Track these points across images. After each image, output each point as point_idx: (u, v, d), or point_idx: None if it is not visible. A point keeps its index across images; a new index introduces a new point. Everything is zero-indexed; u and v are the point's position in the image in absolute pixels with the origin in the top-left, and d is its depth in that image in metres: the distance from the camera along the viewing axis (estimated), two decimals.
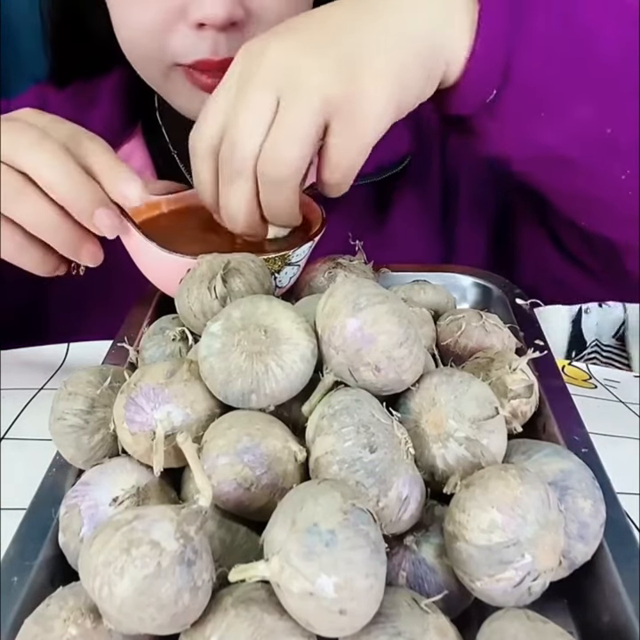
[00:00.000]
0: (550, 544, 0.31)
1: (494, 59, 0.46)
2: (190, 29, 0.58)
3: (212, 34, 0.58)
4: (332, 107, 0.43)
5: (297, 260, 0.52)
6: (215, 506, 0.34)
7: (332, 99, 0.43)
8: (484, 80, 0.47)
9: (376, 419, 0.34)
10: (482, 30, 0.45)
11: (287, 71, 0.44)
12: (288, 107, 0.43)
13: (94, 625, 0.30)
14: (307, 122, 0.43)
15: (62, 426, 0.39)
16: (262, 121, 0.44)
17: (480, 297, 0.61)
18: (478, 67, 0.46)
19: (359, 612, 0.28)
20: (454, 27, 0.46)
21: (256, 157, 0.45)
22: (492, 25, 0.45)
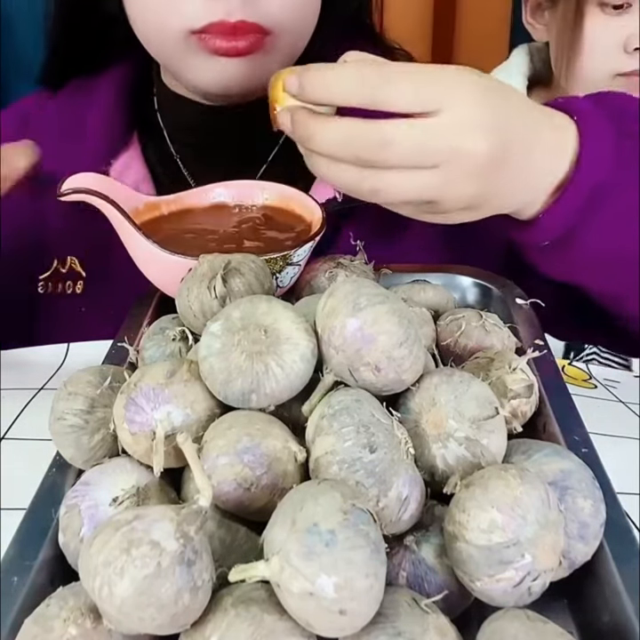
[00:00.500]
0: (550, 544, 0.31)
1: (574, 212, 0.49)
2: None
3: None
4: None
5: (298, 260, 0.52)
6: (215, 506, 0.34)
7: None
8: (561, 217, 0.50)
9: (376, 419, 0.34)
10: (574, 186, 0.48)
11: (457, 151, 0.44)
12: (446, 179, 0.44)
13: (94, 625, 0.30)
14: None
15: (62, 426, 0.39)
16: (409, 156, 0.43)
17: (480, 297, 0.61)
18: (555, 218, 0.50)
19: (359, 612, 0.28)
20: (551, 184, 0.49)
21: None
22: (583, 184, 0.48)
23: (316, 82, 0.44)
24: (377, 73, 0.42)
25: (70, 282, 0.74)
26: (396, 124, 0.42)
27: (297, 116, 0.45)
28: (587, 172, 0.48)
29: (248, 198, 0.60)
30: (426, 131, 0.42)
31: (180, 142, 0.75)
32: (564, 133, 0.49)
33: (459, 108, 0.43)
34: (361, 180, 0.44)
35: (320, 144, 0.44)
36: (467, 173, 0.44)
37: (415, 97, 0.42)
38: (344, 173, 0.44)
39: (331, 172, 0.45)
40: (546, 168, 0.49)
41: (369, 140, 0.42)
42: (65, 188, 0.51)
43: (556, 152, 0.49)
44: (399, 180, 0.44)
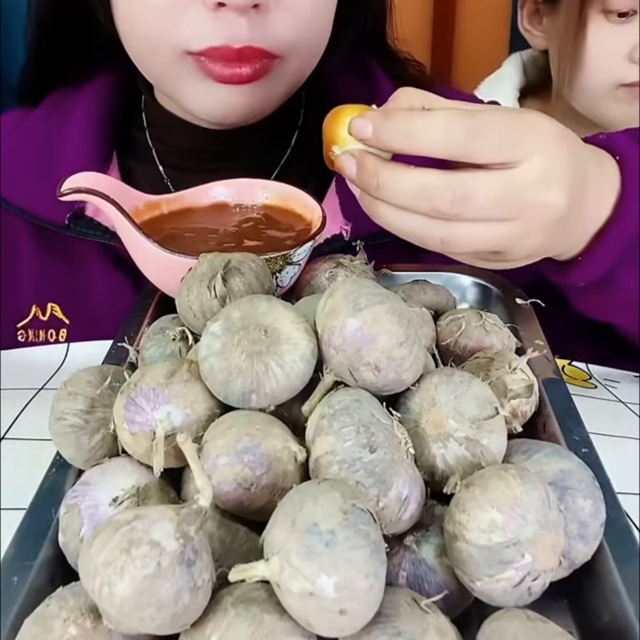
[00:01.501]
0: (550, 544, 0.31)
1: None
2: (207, 11, 0.52)
3: (231, 16, 0.52)
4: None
5: (298, 260, 0.52)
6: (215, 506, 0.34)
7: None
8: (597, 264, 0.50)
9: (376, 419, 0.34)
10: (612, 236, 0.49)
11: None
12: (522, 231, 0.43)
13: (94, 625, 0.30)
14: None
15: (62, 426, 0.39)
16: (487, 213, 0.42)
17: (480, 297, 0.61)
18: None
19: (359, 612, 0.28)
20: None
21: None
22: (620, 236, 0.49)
23: (397, 130, 0.42)
24: (464, 125, 0.40)
25: (52, 330, 0.69)
26: (476, 177, 0.41)
27: (366, 164, 0.43)
28: (628, 217, 0.48)
29: (248, 197, 0.60)
30: (508, 183, 0.41)
31: (172, 165, 0.70)
32: (609, 176, 0.49)
33: (539, 159, 0.41)
34: (431, 230, 0.43)
35: (392, 194, 0.42)
36: (544, 226, 0.43)
37: (500, 148, 0.41)
38: (413, 223, 0.43)
39: (397, 222, 0.44)
40: (594, 212, 0.48)
41: (447, 192, 0.41)
42: (65, 187, 0.51)
43: (602, 195, 0.48)
44: (473, 231, 0.42)
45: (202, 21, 0.53)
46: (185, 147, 0.68)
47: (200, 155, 0.68)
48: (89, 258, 0.67)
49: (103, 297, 0.68)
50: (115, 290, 0.66)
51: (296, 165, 0.70)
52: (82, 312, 0.69)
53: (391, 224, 0.44)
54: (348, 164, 0.44)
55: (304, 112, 0.70)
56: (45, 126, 0.69)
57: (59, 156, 0.66)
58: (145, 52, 0.59)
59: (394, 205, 0.43)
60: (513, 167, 0.41)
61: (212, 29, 0.53)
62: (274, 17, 0.54)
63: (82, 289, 0.69)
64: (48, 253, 0.68)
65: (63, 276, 0.69)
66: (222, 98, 0.57)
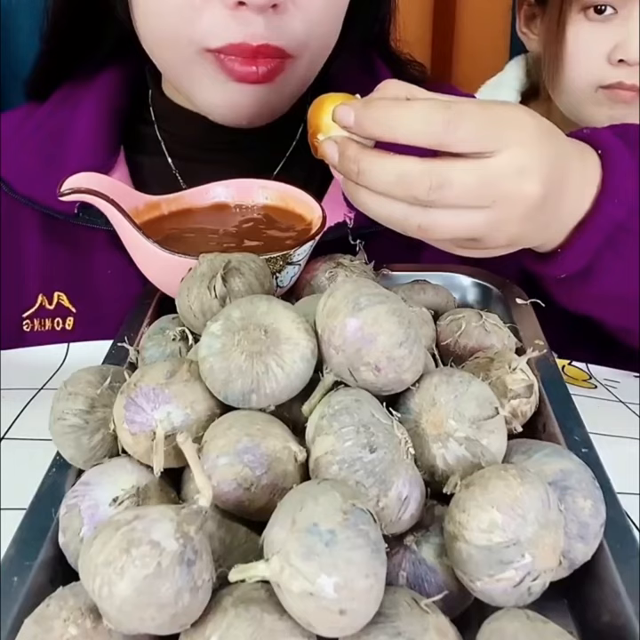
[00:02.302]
0: (550, 544, 0.31)
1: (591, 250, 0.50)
2: (226, 9, 0.53)
3: (249, 15, 0.53)
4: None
5: (298, 260, 0.52)
6: (215, 506, 0.34)
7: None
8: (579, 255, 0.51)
9: (376, 419, 0.34)
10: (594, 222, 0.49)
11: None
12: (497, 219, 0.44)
13: (94, 625, 0.30)
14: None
15: (62, 426, 0.39)
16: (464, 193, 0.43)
17: (480, 297, 0.61)
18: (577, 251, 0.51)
19: (359, 612, 0.28)
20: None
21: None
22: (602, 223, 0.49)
23: (378, 118, 0.43)
24: (443, 114, 0.41)
25: (59, 319, 0.70)
26: (453, 165, 0.42)
27: (347, 151, 0.44)
28: (608, 210, 0.49)
29: (248, 198, 0.60)
30: (484, 172, 0.42)
31: (181, 156, 0.71)
32: (591, 170, 0.49)
33: (516, 150, 0.42)
34: (409, 217, 0.44)
35: (372, 180, 0.43)
36: (518, 215, 0.44)
37: (477, 138, 0.42)
38: (391, 209, 0.44)
39: (377, 208, 0.45)
40: (575, 204, 0.49)
41: (425, 179, 0.42)
42: (65, 187, 0.51)
43: (582, 190, 0.49)
44: (450, 218, 0.43)
45: (221, 19, 0.54)
46: (192, 138, 0.69)
47: (207, 145, 0.69)
48: (95, 246, 0.68)
49: (109, 285, 0.69)
50: (121, 278, 0.67)
51: (300, 159, 0.70)
52: (88, 300, 0.70)
53: (371, 210, 0.45)
54: (331, 151, 0.45)
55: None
56: (54, 119, 0.69)
57: (67, 148, 0.67)
58: (163, 49, 0.59)
59: (374, 191, 0.44)
60: (489, 157, 0.42)
61: (230, 27, 0.54)
62: (290, 16, 0.55)
63: (88, 277, 0.69)
64: (54, 243, 0.69)
65: (69, 264, 0.69)
66: (236, 96, 0.58)
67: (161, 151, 0.71)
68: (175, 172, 0.71)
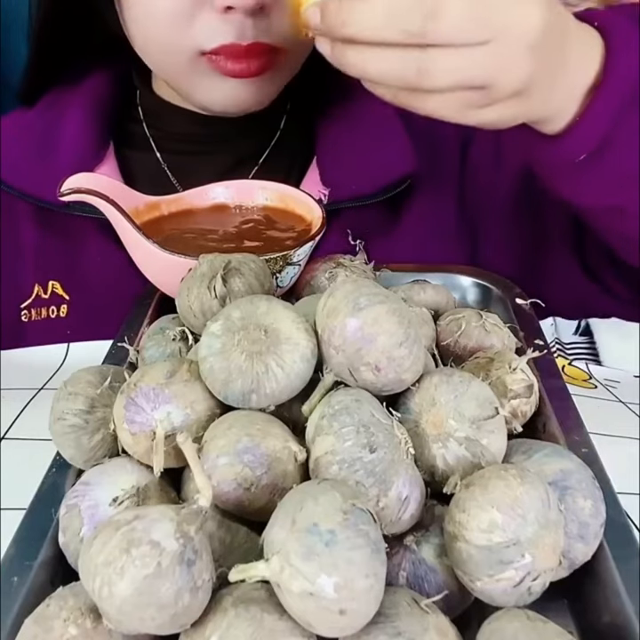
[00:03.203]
0: (550, 544, 0.31)
1: (603, 126, 0.47)
2: (216, 14, 0.56)
3: (238, 17, 0.56)
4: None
5: (298, 260, 0.52)
6: (215, 506, 0.34)
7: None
8: (590, 134, 0.48)
9: (376, 419, 0.34)
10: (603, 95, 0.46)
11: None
12: (499, 54, 0.40)
13: (94, 625, 0.30)
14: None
15: (62, 426, 0.39)
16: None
17: (480, 297, 0.61)
18: (590, 124, 0.47)
19: (359, 612, 0.28)
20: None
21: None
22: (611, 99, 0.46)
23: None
24: None
25: (54, 307, 0.72)
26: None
27: (329, 5, 0.40)
28: (621, 71, 0.46)
29: (248, 198, 0.60)
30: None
31: (169, 151, 0.73)
32: (591, 34, 0.47)
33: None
34: (406, 62, 0.40)
35: (359, 28, 0.39)
36: (519, 48, 0.40)
37: None
38: (385, 58, 0.40)
39: (370, 62, 0.41)
40: (580, 66, 0.46)
41: (416, 11, 0.38)
42: (65, 188, 0.51)
43: (587, 52, 0.46)
44: (449, 57, 0.39)
45: (213, 23, 0.57)
46: (180, 131, 0.72)
47: (195, 138, 0.72)
48: (87, 235, 0.69)
49: (101, 272, 0.70)
50: (112, 265, 0.68)
51: (285, 146, 0.73)
52: (81, 288, 0.72)
53: (365, 69, 0.41)
54: (313, 14, 0.42)
55: (292, 98, 0.74)
56: (44, 119, 0.72)
57: (57, 144, 0.70)
58: (159, 54, 0.62)
59: (364, 44, 0.40)
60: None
61: (222, 29, 0.57)
62: (277, 16, 0.58)
63: (81, 265, 0.71)
64: (48, 233, 0.71)
65: (63, 253, 0.71)
66: (232, 91, 0.61)
67: (149, 147, 0.73)
68: (164, 166, 0.73)
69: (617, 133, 0.47)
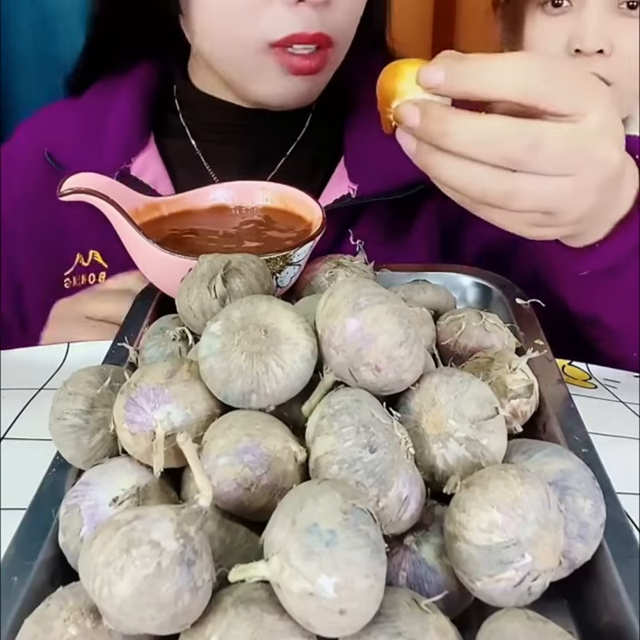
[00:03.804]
0: (550, 544, 0.31)
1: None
2: (286, 5, 0.61)
3: (306, 9, 0.62)
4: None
5: (298, 260, 0.52)
6: (215, 506, 0.34)
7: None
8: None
9: (376, 419, 0.34)
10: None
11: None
12: (578, 187, 0.43)
13: (94, 625, 0.30)
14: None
15: (62, 426, 0.39)
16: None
17: (480, 297, 0.61)
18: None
19: (359, 612, 0.28)
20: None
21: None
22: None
23: (472, 72, 0.41)
24: (540, 67, 0.40)
25: (93, 274, 0.77)
26: (546, 126, 0.41)
27: (432, 110, 0.42)
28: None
29: (248, 200, 0.60)
30: (574, 135, 0.41)
31: (203, 139, 0.78)
32: (633, 170, 0.50)
33: (605, 114, 0.42)
34: (495, 182, 0.42)
35: (459, 141, 0.41)
36: (599, 184, 0.44)
37: (573, 96, 0.41)
38: (476, 174, 0.42)
39: (458, 174, 0.42)
40: (622, 197, 0.50)
41: (520, 139, 0.40)
42: (65, 188, 0.51)
43: (629, 183, 0.50)
44: (536, 185, 0.42)
45: (282, 15, 0.62)
46: (215, 123, 0.77)
47: (229, 129, 0.77)
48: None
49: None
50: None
51: (311, 143, 0.78)
52: (118, 257, 0.75)
53: (451, 177, 0.43)
54: (411, 112, 0.43)
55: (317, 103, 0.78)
56: (94, 105, 0.78)
57: (106, 130, 0.76)
58: (226, 45, 0.66)
59: (458, 155, 0.42)
60: (578, 120, 0.41)
61: (291, 20, 0.62)
62: (335, 8, 0.64)
63: (118, 237, 0.75)
64: (90, 207, 0.75)
65: (103, 225, 0.74)
66: (290, 87, 0.67)
67: (185, 135, 0.79)
68: (198, 153, 0.78)
69: (625, 266, 0.52)
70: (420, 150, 0.44)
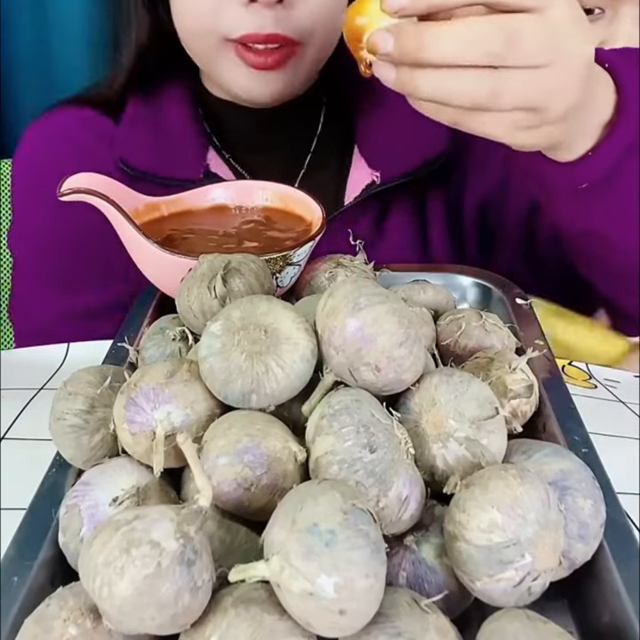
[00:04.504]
0: (550, 544, 0.31)
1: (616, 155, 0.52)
2: (240, 6, 0.64)
3: (259, 9, 0.64)
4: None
5: (298, 260, 0.52)
6: (215, 506, 0.34)
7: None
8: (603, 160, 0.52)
9: (376, 419, 0.34)
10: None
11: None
12: (559, 79, 0.43)
13: (94, 625, 0.30)
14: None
15: (62, 426, 0.39)
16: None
17: (480, 297, 0.61)
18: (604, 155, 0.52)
19: (359, 612, 0.28)
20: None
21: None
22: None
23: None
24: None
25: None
26: (522, 19, 0.41)
27: (405, 29, 0.42)
28: (631, 112, 0.51)
29: (248, 199, 0.60)
30: (548, 24, 0.42)
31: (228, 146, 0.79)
32: (606, 77, 0.51)
33: (566, 7, 0.42)
34: (480, 82, 0.42)
35: (437, 51, 0.41)
36: (576, 74, 0.44)
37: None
38: (460, 79, 0.42)
39: (443, 85, 0.42)
40: (598, 102, 0.50)
41: (499, 34, 0.41)
42: (65, 188, 0.51)
43: (604, 90, 0.51)
44: (521, 79, 0.42)
45: (238, 14, 0.65)
46: (229, 125, 0.79)
47: (242, 131, 0.78)
48: None
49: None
50: None
51: (328, 140, 0.80)
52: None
53: (436, 90, 0.43)
54: (384, 38, 0.43)
55: (327, 96, 0.82)
56: (148, 111, 0.79)
57: (169, 136, 0.78)
58: (195, 41, 0.70)
59: (439, 66, 0.42)
60: (545, 11, 0.42)
61: (245, 20, 0.65)
62: (296, 9, 0.65)
63: None
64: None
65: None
66: (255, 81, 0.69)
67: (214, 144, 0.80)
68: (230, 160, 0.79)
69: (619, 171, 0.52)
70: (400, 74, 0.44)
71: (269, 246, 0.54)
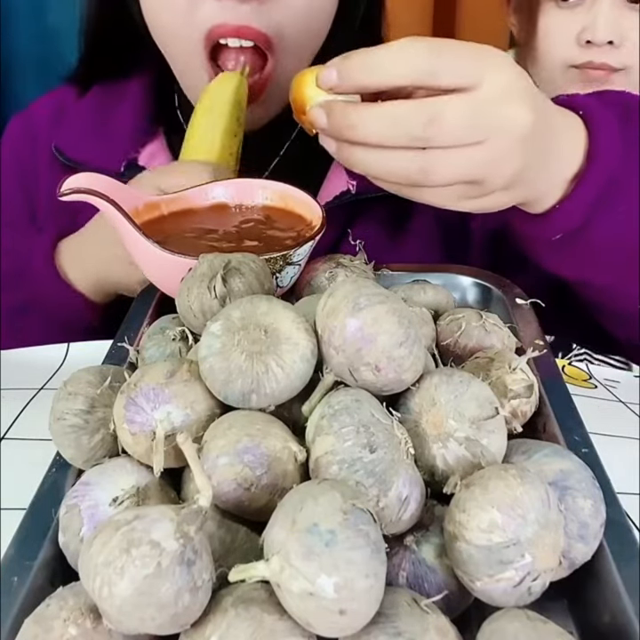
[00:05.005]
0: (550, 544, 0.31)
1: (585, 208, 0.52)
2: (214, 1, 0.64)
3: (234, 3, 0.64)
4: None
5: (298, 260, 0.52)
6: (215, 506, 0.34)
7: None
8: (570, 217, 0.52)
9: (376, 419, 0.34)
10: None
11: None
12: (493, 153, 0.44)
13: (94, 625, 0.30)
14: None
15: (62, 426, 0.39)
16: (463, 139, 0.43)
17: (480, 297, 0.61)
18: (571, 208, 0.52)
19: (359, 612, 0.28)
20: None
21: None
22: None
23: (359, 65, 0.42)
24: (424, 45, 0.41)
25: None
26: (443, 100, 0.42)
27: (335, 108, 0.43)
28: (601, 162, 0.50)
29: (248, 198, 0.60)
30: (473, 102, 0.42)
31: None
32: (577, 126, 0.51)
33: (501, 79, 0.43)
34: (409, 161, 0.43)
35: (365, 131, 0.43)
36: (511, 145, 0.44)
37: (460, 68, 0.42)
38: (389, 159, 0.43)
39: (375, 162, 0.44)
40: (564, 155, 0.50)
41: (419, 116, 0.41)
42: (65, 187, 0.51)
43: (571, 141, 0.50)
44: (448, 157, 0.43)
45: (211, 7, 0.65)
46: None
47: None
48: None
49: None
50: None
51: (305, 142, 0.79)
52: None
53: (369, 167, 0.44)
54: (318, 115, 0.44)
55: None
56: (101, 107, 0.81)
57: (114, 124, 0.79)
58: (167, 39, 0.70)
59: (369, 145, 0.43)
60: (475, 89, 0.42)
61: (217, 12, 0.65)
62: (272, 6, 0.65)
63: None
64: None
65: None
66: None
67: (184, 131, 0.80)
68: None
69: (593, 220, 0.52)
70: (339, 148, 0.45)
71: (269, 246, 0.54)
